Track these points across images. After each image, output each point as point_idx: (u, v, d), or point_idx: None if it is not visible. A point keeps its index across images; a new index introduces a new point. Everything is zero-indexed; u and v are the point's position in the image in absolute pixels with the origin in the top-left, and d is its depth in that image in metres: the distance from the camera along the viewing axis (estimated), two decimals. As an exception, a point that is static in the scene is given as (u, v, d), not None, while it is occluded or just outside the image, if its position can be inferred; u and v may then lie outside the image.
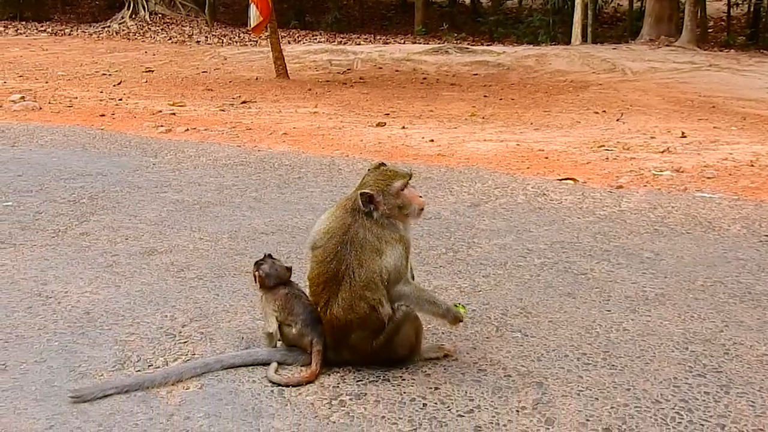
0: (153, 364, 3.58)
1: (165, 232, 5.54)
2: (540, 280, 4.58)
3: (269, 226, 5.67)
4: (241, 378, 3.44)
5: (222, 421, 3.10)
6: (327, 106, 12.84)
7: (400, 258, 3.42)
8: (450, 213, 6.01)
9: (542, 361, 3.56)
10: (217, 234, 5.50)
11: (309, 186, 6.91)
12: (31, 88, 13.97)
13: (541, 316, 4.06)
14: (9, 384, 3.41)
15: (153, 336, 3.86)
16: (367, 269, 3.39)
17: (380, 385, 3.36)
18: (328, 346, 3.51)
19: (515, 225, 5.68)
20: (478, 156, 8.41)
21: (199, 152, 8.41)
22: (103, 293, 4.41)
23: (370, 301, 3.39)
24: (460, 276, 4.64)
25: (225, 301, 4.28)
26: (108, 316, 4.10)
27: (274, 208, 6.19)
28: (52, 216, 5.96)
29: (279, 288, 3.64)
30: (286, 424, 3.07)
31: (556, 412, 3.12)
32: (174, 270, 4.77)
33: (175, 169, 7.59)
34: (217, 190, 6.75)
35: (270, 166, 7.76)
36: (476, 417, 3.09)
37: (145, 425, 3.07)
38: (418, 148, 9.01)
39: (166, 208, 6.15)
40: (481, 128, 10.70)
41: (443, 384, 3.36)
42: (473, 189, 6.77)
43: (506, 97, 14.03)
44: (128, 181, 7.06)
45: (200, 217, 5.92)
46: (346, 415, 3.13)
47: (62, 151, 8.44)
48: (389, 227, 3.44)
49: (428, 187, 6.82)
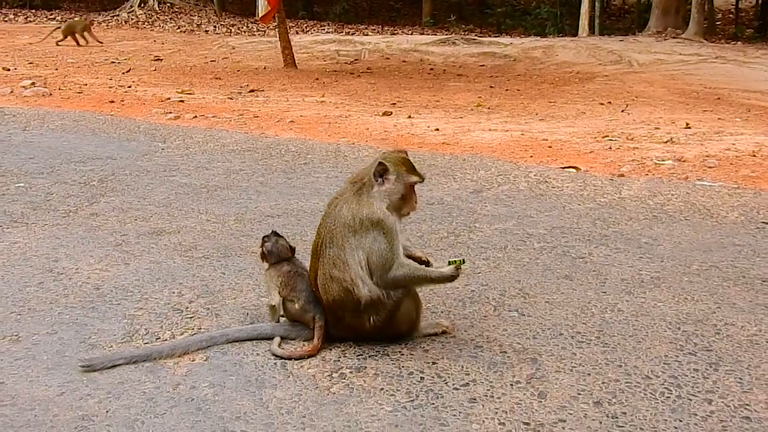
0: (160, 337, 3.70)
1: (173, 214, 5.67)
2: (539, 263, 4.68)
3: (275, 209, 5.79)
4: (245, 351, 3.55)
5: (226, 390, 3.21)
6: (334, 96, 12.94)
7: (378, 242, 3.43)
8: (453, 199, 6.12)
9: (537, 339, 3.66)
10: (224, 216, 5.62)
11: (315, 172, 7.03)
12: (42, 75, 14.11)
13: (539, 296, 4.17)
14: (22, 354, 3.53)
15: (161, 311, 3.98)
16: (338, 246, 3.46)
17: (380, 360, 3.47)
18: (329, 323, 3.63)
19: (516, 211, 5.78)
20: (483, 145, 8.51)
21: (207, 138, 8.52)
22: (112, 270, 4.54)
23: (341, 282, 3.45)
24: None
25: (231, 280, 4.40)
26: (117, 291, 4.23)
27: (280, 192, 6.31)
28: (63, 197, 6.09)
29: (283, 265, 3.75)
30: (287, 394, 3.18)
31: (549, 386, 3.22)
32: (181, 249, 4.90)
33: (184, 154, 7.71)
34: (224, 174, 6.87)
35: (277, 152, 7.87)
36: (471, 390, 3.20)
37: (152, 393, 3.19)
38: (424, 136, 9.10)
39: (174, 191, 6.28)
40: (486, 118, 10.78)
41: (441, 359, 3.47)
42: (476, 176, 6.87)
43: (512, 88, 14.10)
44: (137, 165, 7.19)
45: (208, 200, 6.04)
46: (345, 386, 3.24)
47: (72, 136, 8.57)
48: (372, 208, 3.47)
49: (432, 173, 6.91)
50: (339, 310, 3.53)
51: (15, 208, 5.76)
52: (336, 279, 3.47)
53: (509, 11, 28.24)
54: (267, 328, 3.71)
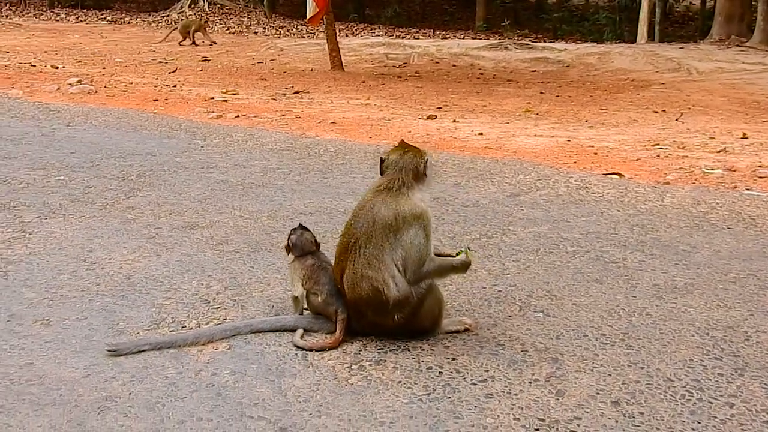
0: (186, 326, 3.87)
1: (207, 209, 5.87)
2: (570, 266, 4.76)
3: (309, 207, 5.96)
4: (267, 341, 3.70)
5: (246, 378, 3.36)
6: (379, 98, 13.12)
7: (418, 237, 3.58)
8: (488, 202, 6.21)
9: (561, 339, 3.74)
10: (258, 213, 5.80)
11: (352, 172, 7.18)
12: (89, 73, 14.57)
13: (566, 298, 4.25)
14: (51, 337, 3.73)
15: (188, 301, 4.16)
16: (375, 246, 3.58)
17: (399, 354, 3.59)
18: (351, 317, 3.75)
19: (552, 215, 5.85)
20: (526, 150, 8.58)
21: (247, 137, 8.75)
22: (144, 261, 4.74)
23: (372, 281, 3.58)
24: (491, 260, 4.84)
25: (259, 273, 4.56)
26: (147, 281, 4.42)
27: (315, 191, 6.47)
28: (101, 190, 6.34)
29: (307, 258, 3.90)
30: (306, 383, 3.32)
31: (568, 385, 3.30)
32: (213, 243, 5.08)
33: (222, 151, 7.94)
34: (261, 172, 7.06)
35: (315, 152, 8.06)
36: (489, 386, 3.30)
37: (175, 378, 3.35)
38: (466, 140, 9.20)
39: (210, 188, 6.49)
40: (533, 124, 10.84)
41: (460, 355, 3.57)
42: (515, 180, 6.95)
43: (563, 95, 14.12)
44: (176, 161, 7.43)
45: (242, 197, 6.23)
46: (364, 378, 3.37)
47: (114, 132, 8.88)
48: (414, 202, 3.62)
49: (470, 177, 7.03)
50: (364, 308, 3.66)
51: (54, 200, 6.02)
52: (368, 278, 3.59)
53: (566, 16, 28.17)
54: (290, 320, 3.86)
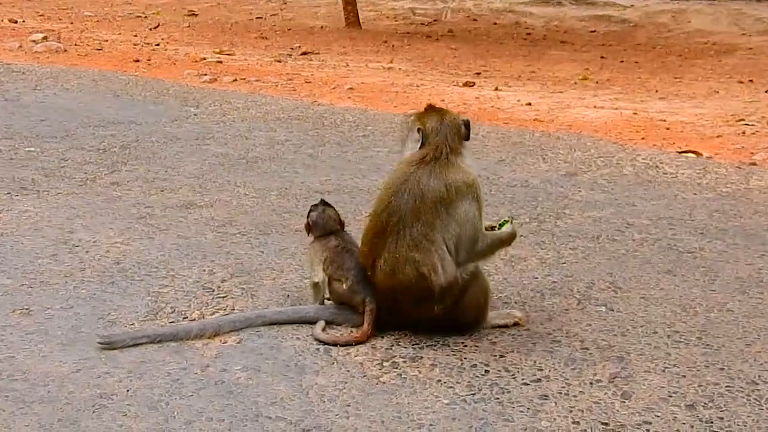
0: (188, 317, 4.09)
1: (205, 186, 6.11)
2: (637, 255, 4.95)
3: (325, 185, 6.18)
4: (283, 335, 3.91)
5: (261, 375, 3.57)
6: (404, 62, 13.33)
7: (471, 210, 3.80)
8: (540, 181, 6.41)
9: (627, 336, 3.94)
10: (265, 190, 6.03)
11: (375, 145, 7.41)
12: (54, 29, 14.86)
13: (633, 291, 4.44)
14: (33, 328, 3.95)
15: (189, 289, 4.38)
16: (425, 224, 3.76)
17: (438, 350, 3.79)
18: (381, 308, 3.95)
19: (616, 198, 6.04)
20: (584, 123, 8.76)
21: (248, 104, 9.01)
22: (134, 244, 4.97)
23: (419, 266, 3.76)
24: (543, 247, 5.05)
25: (270, 259, 4.78)
26: (140, 267, 4.65)
27: (332, 166, 6.70)
28: (80, 164, 6.60)
29: (330, 239, 4.10)
30: (330, 381, 3.52)
31: (635, 386, 3.50)
32: (214, 225, 5.31)
33: (220, 120, 8.20)
34: (267, 144, 7.30)
35: (330, 122, 8.29)
36: (543, 386, 3.49)
37: (178, 374, 3.56)
38: (511, 111, 9.40)
39: (208, 162, 6.74)
40: (592, 94, 11.01)
41: (510, 352, 3.77)
42: (571, 157, 7.15)
43: (629, 60, 14.27)
44: (165, 131, 7.69)
45: (246, 173, 6.47)
46: (398, 376, 3.57)
47: (91, 97, 9.17)
48: (463, 170, 3.84)
49: (516, 152, 7.23)
50: (402, 298, 3.85)
51: (25, 175, 6.27)
52: (413, 263, 3.77)
53: (632, -35, 28.23)
54: (310, 311, 4.06)
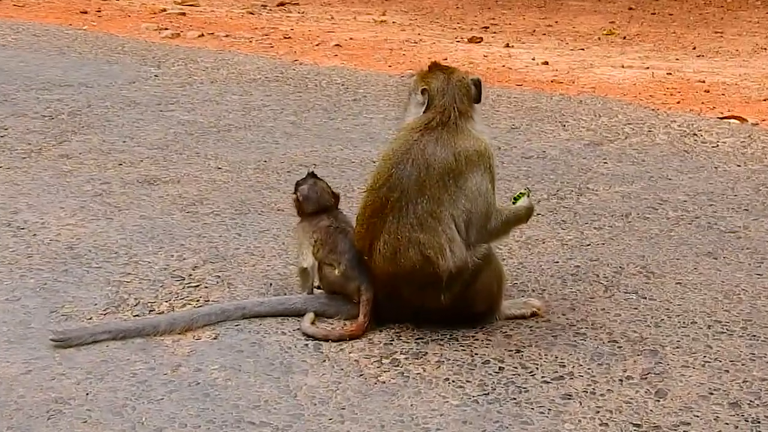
0: (155, 309, 4.15)
1: (171, 159, 6.16)
2: (672, 236, 5.03)
3: (311, 157, 6.23)
4: (266, 329, 3.97)
5: (242, 374, 3.62)
6: (399, 14, 13.35)
7: (483, 183, 3.85)
8: (559, 152, 6.49)
9: (661, 327, 4.01)
10: (241, 164, 6.09)
11: (367, 111, 7.46)
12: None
13: (667, 276, 4.52)
14: (-26, 322, 4.00)
15: (155, 278, 4.44)
16: (431, 199, 3.82)
17: (445, 345, 3.86)
18: (379, 297, 3.99)
19: (648, 170, 6.12)
20: (610, 85, 8.83)
21: (218, 63, 9.03)
22: (90, 226, 5.02)
23: (424, 249, 3.82)
24: (564, 227, 5.12)
25: (248, 242, 4.84)
26: (97, 252, 4.70)
27: (318, 135, 6.75)
28: (22, 133, 6.64)
29: (321, 217, 4.15)
30: (322, 381, 3.57)
31: (671, 383, 3.57)
32: (183, 203, 5.37)
33: (185, 83, 8.23)
34: (241, 110, 7.35)
35: (315, 84, 8.33)
36: (566, 384, 3.56)
37: (145, 375, 3.61)
38: (525, 72, 9.45)
39: (173, 130, 6.78)
40: (619, 51, 11.07)
41: (528, 346, 3.84)
42: (595, 124, 7.23)
43: (661, 12, 14.30)
44: (121, 95, 7.71)
45: (218, 143, 6.52)
46: (399, 375, 3.62)
47: (32, 55, 9.16)
48: (474, 137, 3.89)
49: (532, 119, 7.30)
50: (404, 284, 3.91)
51: (-41, 146, 6.32)
52: (418, 244, 3.82)
53: None
54: (297, 301, 4.12)
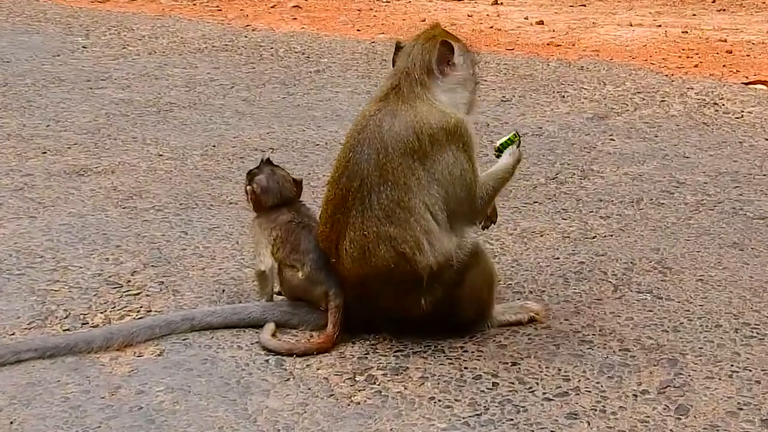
0: (89, 322, 4.12)
1: (104, 145, 6.13)
2: (692, 224, 5.05)
3: (268, 140, 6.22)
4: (220, 343, 3.95)
5: (192, 397, 3.60)
6: (368, -33, 13.34)
7: (459, 164, 3.82)
8: (558, 128, 6.50)
9: (680, 332, 4.02)
10: (185, 149, 6.07)
11: (333, 84, 7.45)
12: None
13: (687, 272, 4.53)
14: None
15: (88, 285, 4.42)
16: (395, 186, 3.78)
17: (429, 358, 3.85)
18: (351, 303, 3.98)
19: (662, 147, 6.14)
20: (616, 47, 8.83)
21: (157, 31, 9.00)
22: (10, 226, 5.00)
23: (397, 244, 3.79)
24: (565, 216, 5.13)
25: (196, 242, 4.83)
26: (19, 256, 4.68)
27: (276, 114, 6.73)
28: (-74, 118, 6.60)
29: (281, 212, 4.14)
30: (286, 403, 3.56)
31: (694, 397, 3.57)
32: (118, 198, 5.35)
33: (119, 54, 8.20)
34: (185, 86, 7.34)
35: (271, 53, 8.32)
36: (572, 402, 3.56)
37: (79, 400, 3.58)
38: (517, 34, 9.44)
39: (105, 111, 6.75)
40: (626, 6, 11.08)
41: (525, 358, 3.84)
42: (600, 93, 7.25)
43: (674, -43, 14.34)
44: (44, 70, 7.67)
45: (158, 125, 6.50)
46: (376, 394, 3.61)
47: (-63, 25, 9.11)
48: (443, 111, 3.84)
49: (525, 89, 7.32)
50: (378, 288, 3.89)
51: None
52: (389, 239, 3.80)
53: None
54: (254, 310, 4.10)
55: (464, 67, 3.98)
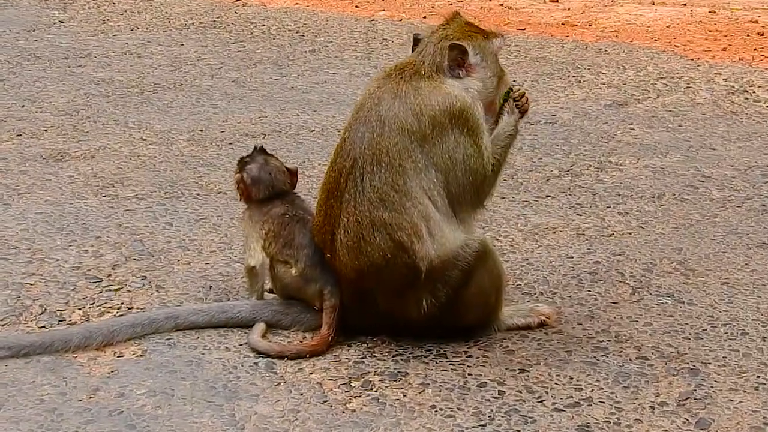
0: (66, 319, 4.15)
1: (82, 129, 6.16)
2: (718, 222, 5.07)
3: (259, 125, 6.25)
4: (206, 343, 3.98)
5: (175, 401, 3.63)
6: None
7: (463, 148, 3.85)
8: (573, 116, 6.52)
9: (703, 339, 4.04)
10: (170, 133, 6.10)
11: (330, 64, 7.49)
12: None
13: (711, 275, 4.54)
14: None
15: (66, 279, 4.44)
16: (390, 169, 3.82)
17: (431, 363, 3.87)
18: (348, 302, 4.02)
19: (687, 138, 6.15)
20: (637, 28, 8.82)
21: (139, 5, 9.03)
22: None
23: (392, 231, 3.81)
24: (580, 211, 5.15)
25: (182, 234, 4.85)
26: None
27: (268, 97, 6.77)
28: None
29: (274, 203, 4.16)
30: (276, 409, 3.58)
31: (716, 411, 3.59)
32: (98, 185, 5.37)
33: (98, 30, 8.24)
34: (170, 65, 7.37)
35: (263, 31, 8.37)
36: (583, 413, 3.58)
37: (55, 403, 3.61)
38: (529, 12, 9.44)
39: (84, 91, 6.78)
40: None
41: (534, 365, 3.86)
42: (619, 79, 7.26)
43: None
44: (18, 46, 7.72)
45: (141, 107, 6.53)
46: (373, 401, 3.64)
47: None
48: (449, 91, 3.87)
49: (538, 73, 7.34)
50: (375, 283, 3.91)
51: None
52: (384, 226, 3.82)
53: None
54: (243, 309, 4.13)
55: (482, 67, 3.99)
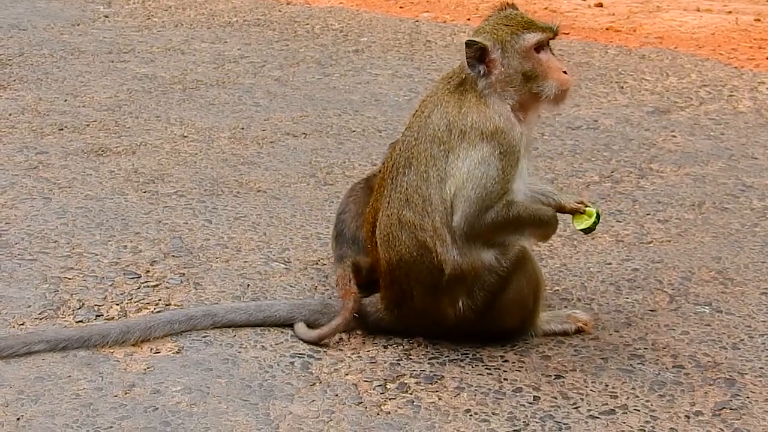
0: (104, 314, 4.17)
1: (124, 123, 6.19)
2: (758, 232, 5.04)
3: (300, 124, 6.25)
4: (243, 342, 4.00)
5: (210, 399, 3.64)
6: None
7: (486, 166, 3.83)
8: (615, 121, 6.50)
9: (740, 349, 4.03)
10: (212, 131, 6.12)
11: (373, 65, 7.49)
12: None
13: (750, 284, 4.53)
14: None
15: (104, 274, 4.47)
16: (416, 172, 3.89)
17: (467, 367, 3.88)
18: (387, 305, 4.06)
19: (729, 146, 6.13)
20: (681, 34, 8.79)
21: (184, 2, 9.06)
22: (23, 208, 5.06)
23: (417, 231, 3.87)
24: (620, 218, 5.14)
25: (221, 231, 4.87)
26: (32, 240, 4.74)
27: (310, 96, 6.77)
28: (-65, 88, 6.69)
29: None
30: (311, 410, 3.60)
31: (752, 422, 3.58)
32: (139, 181, 5.40)
33: (143, 26, 8.27)
34: (213, 62, 7.38)
35: (306, 30, 8.37)
36: (618, 421, 3.58)
37: (91, 398, 3.64)
38: (573, 16, 9.42)
39: (126, 87, 6.80)
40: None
41: (570, 371, 3.86)
42: (662, 85, 7.23)
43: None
44: (62, 40, 7.74)
45: (183, 104, 6.55)
46: (408, 403, 3.65)
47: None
48: (487, 112, 3.87)
49: (582, 77, 7.29)
50: (406, 280, 3.95)
51: None
52: (408, 225, 3.88)
53: None
54: (281, 308, 4.15)
55: (505, 63, 3.91)
